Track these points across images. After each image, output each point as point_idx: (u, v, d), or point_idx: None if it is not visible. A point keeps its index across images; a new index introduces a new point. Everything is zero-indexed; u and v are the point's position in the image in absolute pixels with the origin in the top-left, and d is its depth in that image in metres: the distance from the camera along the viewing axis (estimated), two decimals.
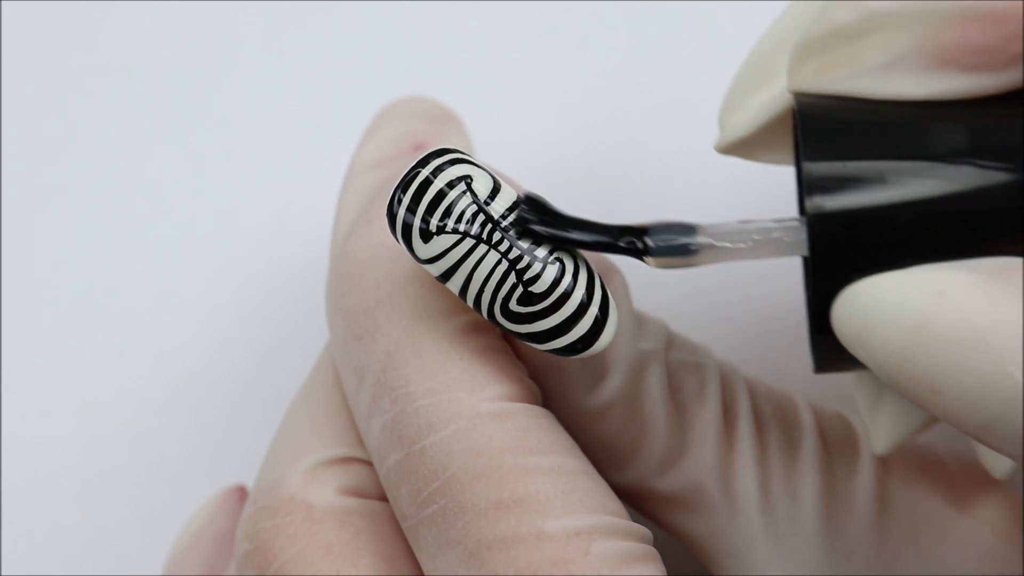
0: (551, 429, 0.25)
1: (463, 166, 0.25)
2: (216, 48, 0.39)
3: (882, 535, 0.29)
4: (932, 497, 0.29)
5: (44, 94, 0.39)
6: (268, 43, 0.39)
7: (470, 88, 0.39)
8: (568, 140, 0.38)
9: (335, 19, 0.39)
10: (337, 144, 0.36)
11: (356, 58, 0.39)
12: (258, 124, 0.39)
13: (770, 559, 0.28)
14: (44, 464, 0.36)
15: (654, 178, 0.37)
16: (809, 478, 0.28)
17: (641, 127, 0.38)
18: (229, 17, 0.39)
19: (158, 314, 0.37)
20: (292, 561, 0.26)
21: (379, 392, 0.25)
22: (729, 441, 0.28)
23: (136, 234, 0.38)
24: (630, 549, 0.24)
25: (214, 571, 0.32)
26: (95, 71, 0.39)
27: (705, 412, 0.28)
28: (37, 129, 0.39)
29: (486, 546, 0.23)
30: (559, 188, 0.37)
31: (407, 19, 0.39)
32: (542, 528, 0.23)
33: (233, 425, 0.37)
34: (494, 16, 0.39)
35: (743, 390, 0.29)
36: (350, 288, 0.26)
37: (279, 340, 0.37)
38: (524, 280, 0.24)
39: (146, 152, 0.39)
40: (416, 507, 0.24)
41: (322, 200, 0.35)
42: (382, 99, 0.32)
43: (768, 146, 0.27)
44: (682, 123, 0.37)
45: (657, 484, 0.28)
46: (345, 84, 0.39)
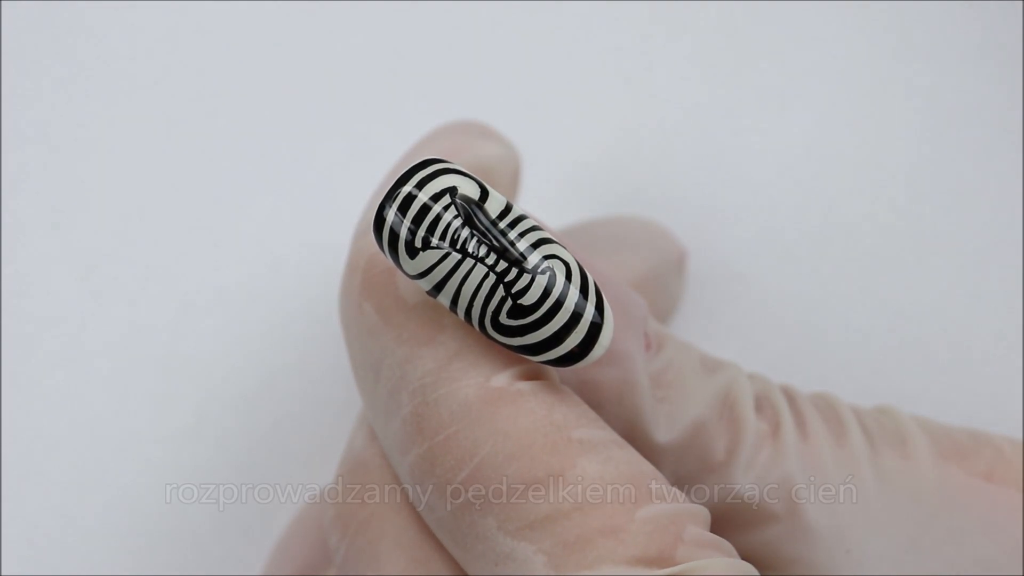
0: (574, 403, 0.25)
1: (448, 176, 0.24)
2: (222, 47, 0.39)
3: (941, 522, 0.28)
4: (978, 483, 0.29)
5: (44, 94, 0.39)
6: (279, 43, 0.39)
7: (493, 91, 0.39)
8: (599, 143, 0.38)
9: (365, 22, 0.39)
10: (344, 144, 0.36)
11: (370, 62, 0.39)
12: (275, 125, 0.39)
13: (833, 555, 0.28)
14: (45, 465, 0.36)
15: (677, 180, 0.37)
16: (862, 470, 0.28)
17: (661, 132, 0.38)
18: (251, 16, 0.39)
19: (160, 316, 0.37)
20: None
21: (396, 387, 0.25)
22: (777, 447, 0.28)
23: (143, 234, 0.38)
24: (675, 510, 0.24)
25: (314, 565, 0.32)
26: (94, 68, 0.39)
27: (746, 423, 0.28)
28: (38, 129, 0.39)
29: (528, 526, 0.23)
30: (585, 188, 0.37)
31: (432, 21, 0.39)
32: (585, 500, 0.23)
33: (233, 426, 0.37)
34: (516, 17, 0.39)
35: (779, 395, 0.29)
36: (363, 283, 0.26)
37: (281, 341, 0.37)
38: (512, 293, 0.24)
39: (150, 154, 0.39)
40: (445, 499, 0.24)
41: (335, 202, 0.35)
42: (395, 102, 0.32)
43: None
44: (707, 129, 0.37)
45: (715, 501, 0.28)
46: (362, 88, 0.39)
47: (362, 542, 0.26)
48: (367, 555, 0.26)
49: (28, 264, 0.38)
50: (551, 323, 0.24)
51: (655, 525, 0.23)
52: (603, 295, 0.24)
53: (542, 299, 0.24)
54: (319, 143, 0.39)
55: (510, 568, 0.23)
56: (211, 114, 0.39)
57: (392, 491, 0.26)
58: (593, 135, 0.38)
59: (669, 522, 0.23)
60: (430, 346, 0.25)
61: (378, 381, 0.25)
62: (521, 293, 0.24)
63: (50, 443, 0.36)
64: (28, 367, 0.37)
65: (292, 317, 0.37)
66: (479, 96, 0.39)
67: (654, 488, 0.24)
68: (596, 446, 0.24)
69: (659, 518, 0.23)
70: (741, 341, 0.36)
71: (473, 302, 0.24)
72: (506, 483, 0.23)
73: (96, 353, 0.37)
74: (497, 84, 0.39)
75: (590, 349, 0.24)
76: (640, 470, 0.24)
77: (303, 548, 0.32)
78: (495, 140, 0.30)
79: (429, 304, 0.25)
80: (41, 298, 0.38)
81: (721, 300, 0.36)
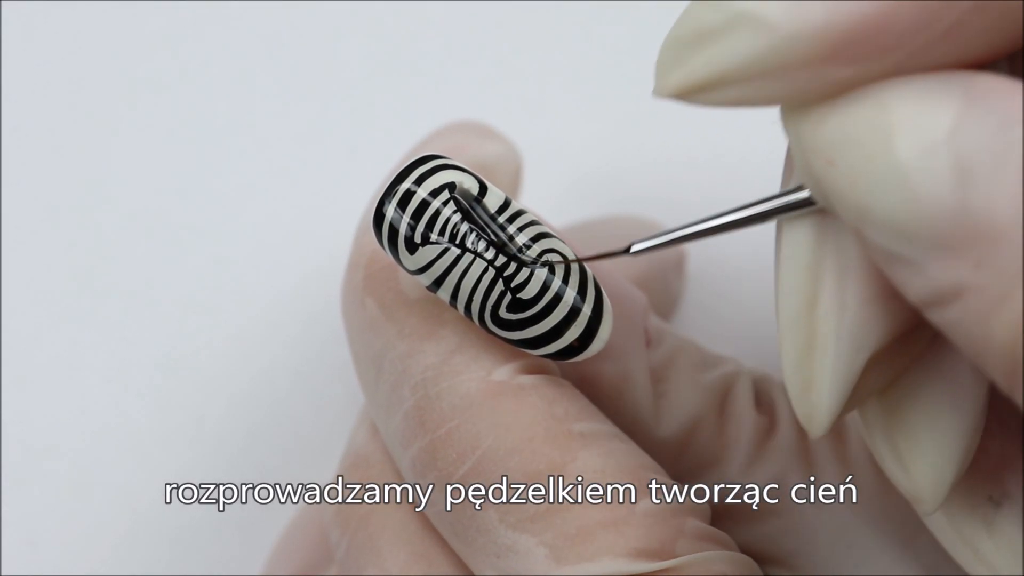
0: (575, 397, 0.25)
1: (447, 172, 0.24)
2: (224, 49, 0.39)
3: None
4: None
5: (44, 94, 0.39)
6: (279, 42, 0.39)
7: (493, 91, 0.39)
8: (598, 144, 0.38)
9: (366, 22, 0.39)
10: (345, 143, 0.36)
11: (371, 62, 0.39)
12: (276, 124, 0.39)
13: (834, 549, 0.28)
14: (45, 464, 0.36)
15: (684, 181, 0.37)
16: (861, 466, 0.28)
17: (670, 131, 0.38)
18: (251, 16, 0.39)
19: (160, 315, 0.37)
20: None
21: (398, 381, 0.25)
22: (776, 441, 0.28)
23: (146, 237, 0.38)
24: (675, 504, 0.24)
25: (314, 565, 0.32)
26: (94, 68, 0.39)
27: (745, 418, 0.28)
28: (40, 130, 0.39)
29: (530, 518, 0.23)
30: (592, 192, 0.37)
31: (433, 21, 0.39)
32: (586, 493, 0.23)
33: (233, 426, 0.37)
34: (517, 17, 0.39)
35: (779, 391, 0.29)
36: (365, 279, 0.26)
37: (281, 341, 0.37)
38: (512, 287, 0.24)
39: (151, 154, 0.39)
40: (447, 492, 0.24)
41: (335, 201, 0.35)
42: (396, 102, 0.32)
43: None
44: (713, 126, 0.37)
45: (715, 494, 0.27)
46: (363, 88, 0.39)
47: (363, 536, 0.26)
48: (369, 549, 0.26)
49: (28, 264, 0.38)
50: (550, 317, 0.24)
51: (656, 518, 0.23)
52: (602, 289, 0.24)
53: (541, 293, 0.24)
54: (320, 142, 0.39)
55: (511, 560, 0.23)
56: (211, 114, 0.39)
57: (393, 486, 0.26)
58: (593, 135, 0.38)
59: (670, 515, 0.23)
60: (432, 341, 0.25)
61: (380, 376, 0.25)
62: (520, 287, 0.24)
63: (50, 443, 0.36)
64: (28, 367, 0.37)
65: (292, 317, 0.37)
66: (479, 96, 0.39)
67: (654, 481, 0.24)
68: (597, 439, 0.24)
69: (659, 511, 0.23)
70: (741, 341, 0.36)
71: (473, 297, 0.24)
72: (507, 476, 0.23)
73: (96, 353, 0.37)
74: (497, 84, 0.39)
75: (589, 343, 0.24)
76: (641, 463, 0.24)
77: (303, 548, 0.32)
78: (496, 139, 0.31)
79: (431, 299, 0.25)
80: (41, 298, 0.38)
81: (721, 300, 0.36)
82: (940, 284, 0.18)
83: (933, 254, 0.18)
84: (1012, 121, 0.17)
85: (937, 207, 0.18)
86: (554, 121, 0.39)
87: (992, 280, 0.17)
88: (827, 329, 0.21)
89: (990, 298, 0.18)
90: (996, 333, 0.18)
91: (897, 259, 0.19)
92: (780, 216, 0.22)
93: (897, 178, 0.18)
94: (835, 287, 0.21)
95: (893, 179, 0.18)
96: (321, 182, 0.38)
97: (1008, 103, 0.18)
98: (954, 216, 0.18)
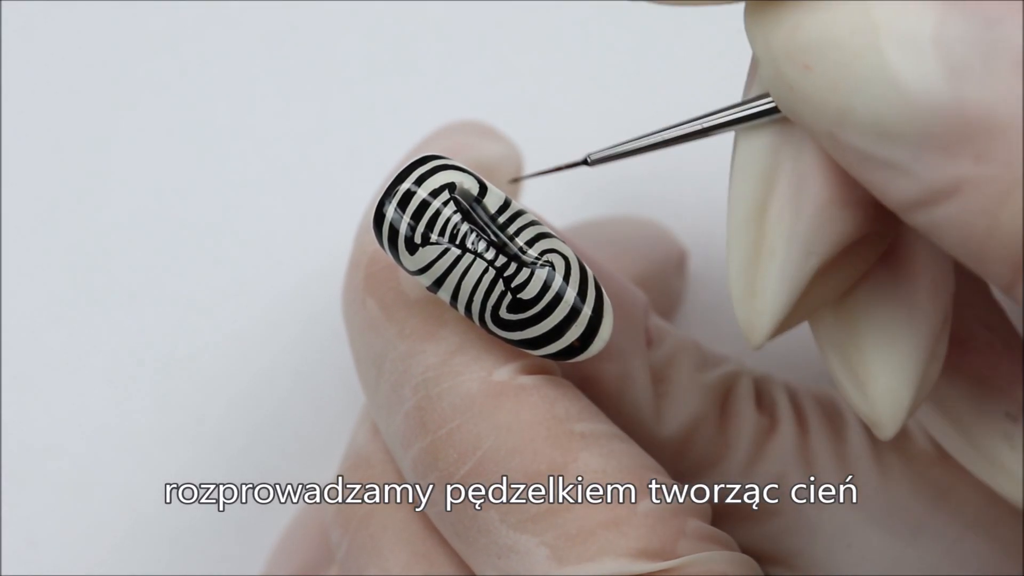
0: (576, 397, 0.25)
1: (447, 172, 0.24)
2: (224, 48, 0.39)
3: (942, 516, 0.28)
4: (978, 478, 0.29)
5: (44, 94, 0.39)
6: (280, 42, 0.39)
7: (493, 91, 0.39)
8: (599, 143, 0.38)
9: (366, 22, 0.39)
10: (345, 143, 0.36)
11: (371, 62, 0.39)
12: (276, 124, 0.39)
13: (834, 549, 0.28)
14: (45, 464, 0.36)
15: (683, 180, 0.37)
16: (861, 465, 0.28)
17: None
18: (251, 16, 0.39)
19: (160, 315, 0.37)
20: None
21: (399, 381, 0.25)
22: (776, 441, 0.28)
23: (147, 237, 0.38)
24: (676, 504, 0.24)
25: (314, 564, 0.32)
26: (94, 68, 0.39)
27: (745, 418, 0.28)
28: (40, 130, 0.39)
29: (531, 518, 0.23)
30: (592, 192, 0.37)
31: (433, 21, 0.39)
32: (586, 493, 0.23)
33: (233, 426, 0.37)
34: (517, 17, 0.39)
35: (780, 391, 0.29)
36: (366, 279, 0.26)
37: (281, 341, 0.37)
38: (512, 287, 0.24)
39: (151, 154, 0.39)
40: (447, 493, 0.24)
41: (336, 201, 0.35)
42: (396, 102, 0.32)
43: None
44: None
45: (715, 494, 0.27)
46: (363, 88, 0.39)
47: (364, 537, 0.26)
48: (369, 549, 0.26)
49: (28, 264, 0.38)
50: (551, 317, 0.24)
51: (657, 518, 0.23)
52: (603, 289, 0.24)
53: (541, 293, 0.24)
54: (320, 143, 0.39)
55: (512, 561, 0.23)
56: (211, 114, 0.39)
57: (394, 486, 0.26)
58: (593, 135, 0.38)
59: (671, 515, 0.23)
60: (432, 341, 0.25)
61: (381, 376, 0.25)
62: (520, 287, 0.24)
63: (50, 443, 0.36)
64: (28, 367, 0.37)
65: (292, 317, 0.37)
66: (479, 96, 0.39)
67: (655, 482, 0.24)
68: (598, 440, 0.24)
69: (661, 511, 0.23)
70: (742, 341, 0.36)
71: (473, 297, 0.24)
72: (508, 476, 0.23)
73: (96, 353, 0.37)
74: (497, 84, 0.39)
75: (590, 343, 0.24)
76: (642, 463, 0.24)
77: (303, 548, 0.32)
78: (497, 139, 0.31)
79: (431, 300, 0.25)
80: (41, 298, 0.37)
81: (721, 300, 0.36)
82: (931, 182, 0.18)
83: (923, 152, 0.18)
84: (995, 19, 0.18)
85: (928, 104, 0.18)
86: (554, 121, 0.38)
87: (996, 172, 0.17)
88: (777, 233, 0.21)
89: (994, 191, 0.17)
90: (1002, 225, 0.18)
91: (877, 162, 0.19)
92: (739, 126, 0.22)
93: (885, 77, 0.18)
94: (789, 193, 0.21)
95: (880, 79, 0.18)
96: (321, 182, 0.38)
97: (986, 2, 0.18)
98: (948, 112, 0.18)
